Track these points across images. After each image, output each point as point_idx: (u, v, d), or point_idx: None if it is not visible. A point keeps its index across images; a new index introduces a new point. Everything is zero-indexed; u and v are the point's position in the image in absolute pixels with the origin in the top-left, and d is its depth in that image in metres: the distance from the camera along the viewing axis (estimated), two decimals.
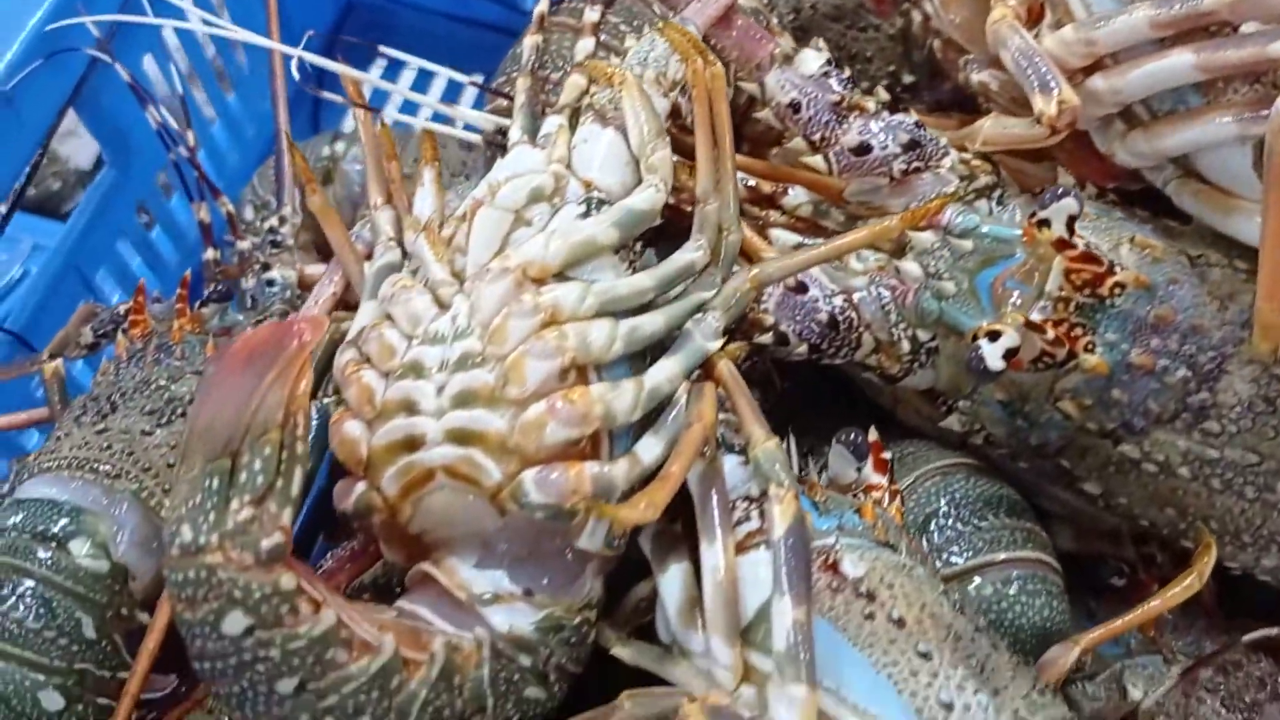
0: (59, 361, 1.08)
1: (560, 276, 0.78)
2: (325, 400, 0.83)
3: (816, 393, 1.02)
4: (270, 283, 1.09)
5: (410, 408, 0.76)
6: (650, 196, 0.82)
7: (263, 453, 0.67)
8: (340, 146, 1.40)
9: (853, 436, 0.81)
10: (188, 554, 0.67)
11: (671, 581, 0.76)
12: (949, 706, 0.64)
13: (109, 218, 1.35)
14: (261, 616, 0.67)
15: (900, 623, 0.67)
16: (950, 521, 0.85)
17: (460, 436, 0.74)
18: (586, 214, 0.82)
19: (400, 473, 0.76)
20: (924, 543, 0.85)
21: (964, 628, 0.68)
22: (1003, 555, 0.85)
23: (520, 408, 0.74)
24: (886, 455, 0.82)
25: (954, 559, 0.84)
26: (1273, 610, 0.98)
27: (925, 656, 0.66)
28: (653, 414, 0.76)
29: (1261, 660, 0.92)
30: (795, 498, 0.71)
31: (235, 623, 0.67)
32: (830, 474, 0.82)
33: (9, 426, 1.09)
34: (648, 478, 0.73)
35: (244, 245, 1.19)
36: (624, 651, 0.76)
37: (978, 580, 0.83)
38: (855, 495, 0.78)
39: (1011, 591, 0.83)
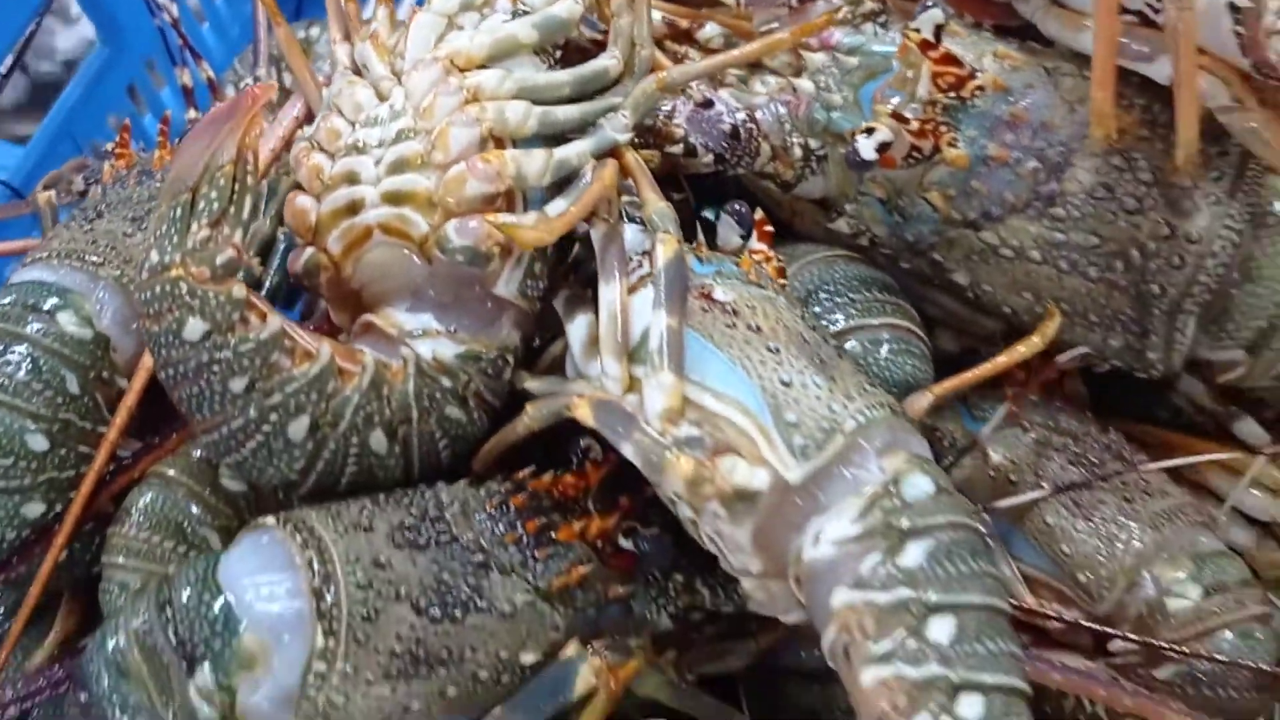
0: (51, 193, 1.20)
1: (484, 68, 0.90)
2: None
3: None
4: None
5: (352, 179, 0.88)
6: (569, 6, 0.94)
7: (218, 184, 0.79)
8: (315, 31, 1.51)
9: (739, 207, 0.92)
10: (154, 273, 0.79)
11: (577, 328, 0.88)
12: (788, 384, 0.75)
13: (101, 91, 1.47)
14: (217, 322, 0.79)
15: (756, 329, 0.79)
16: (829, 294, 0.97)
17: (394, 198, 0.86)
18: (512, 19, 0.93)
19: (343, 234, 0.88)
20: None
21: (812, 337, 0.80)
22: (875, 321, 0.96)
23: (445, 170, 0.85)
24: (769, 228, 0.93)
25: (831, 326, 0.95)
26: (1140, 409, 1.09)
27: (773, 351, 0.77)
28: (563, 185, 0.88)
29: (1110, 432, 1.03)
30: (677, 240, 0.83)
31: (194, 329, 0.79)
32: (719, 241, 0.93)
33: (6, 252, 1.21)
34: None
35: None
36: (534, 384, 0.88)
37: (851, 341, 0.95)
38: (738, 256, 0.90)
39: (882, 352, 0.95)
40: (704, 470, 0.74)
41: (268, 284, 1.03)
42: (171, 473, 0.93)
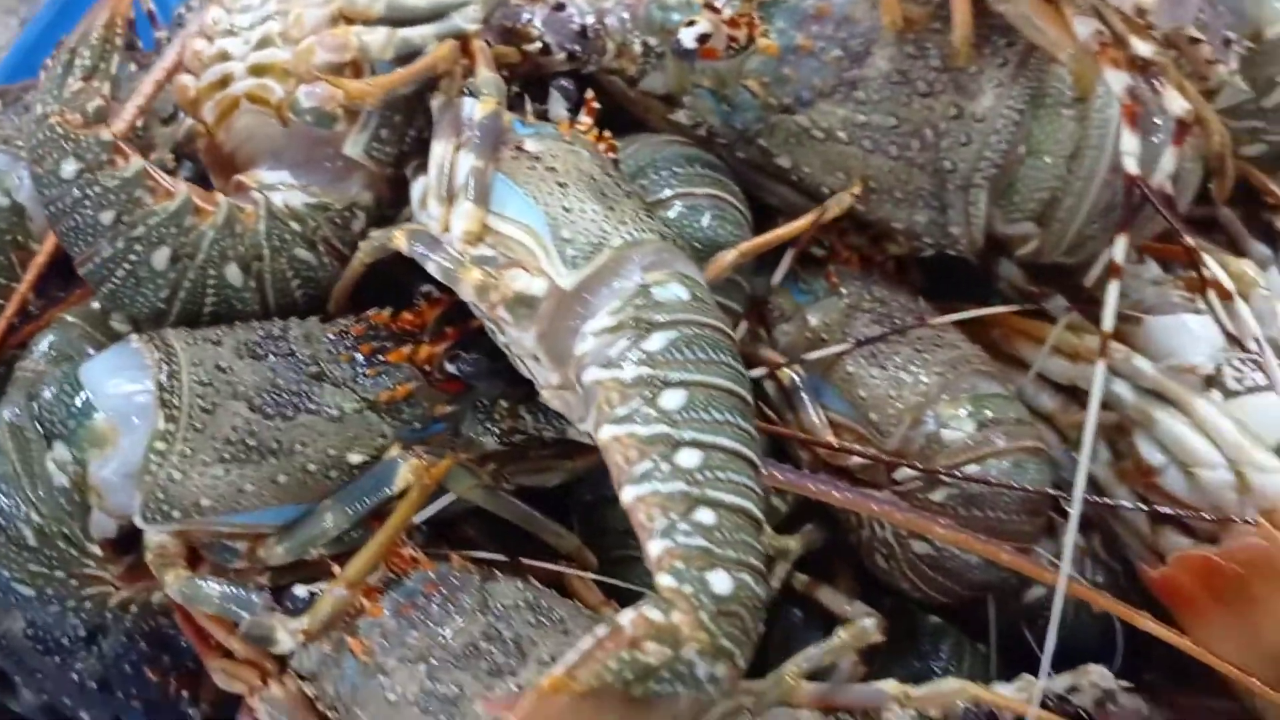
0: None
1: None
2: None
3: None
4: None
5: (225, 57, 1.01)
6: None
7: (90, 44, 0.93)
8: None
9: (565, 84, 1.04)
10: (39, 122, 0.92)
11: (417, 187, 0.99)
12: (568, 209, 0.86)
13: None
14: (88, 161, 0.92)
15: (552, 169, 0.91)
16: (657, 169, 1.07)
17: (257, 70, 0.99)
18: None
19: (216, 104, 1.01)
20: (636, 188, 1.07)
21: (603, 178, 0.91)
22: (699, 190, 1.07)
23: (299, 44, 0.98)
24: (595, 105, 1.05)
25: (658, 194, 1.06)
26: (970, 291, 1.19)
27: (561, 185, 0.89)
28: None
29: (920, 300, 1.14)
30: (496, 100, 0.95)
31: (69, 168, 0.92)
32: (550, 114, 1.05)
33: None
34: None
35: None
36: (377, 233, 1.00)
37: (676, 206, 1.05)
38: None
39: (704, 220, 1.05)
40: (490, 279, 0.85)
41: None
42: (70, 318, 1.06)
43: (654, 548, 0.74)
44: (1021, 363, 1.16)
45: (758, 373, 1.08)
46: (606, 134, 1.04)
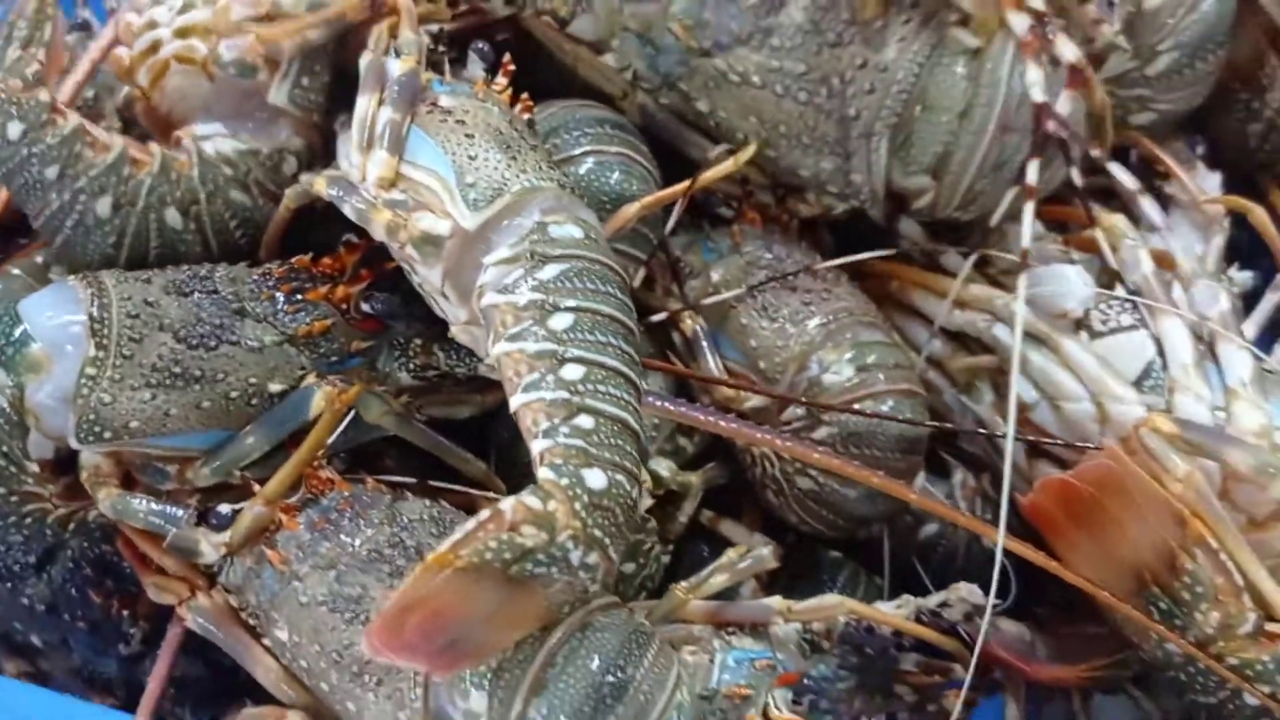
0: None
1: None
2: None
3: None
4: None
5: (153, 25, 1.08)
6: None
7: (26, 16, 1.00)
8: None
9: (482, 46, 1.12)
10: None
11: (343, 141, 1.07)
12: (473, 158, 0.93)
13: None
14: (30, 122, 0.99)
15: (461, 122, 0.98)
16: (569, 129, 1.15)
17: (182, 32, 1.06)
18: None
19: (149, 69, 1.08)
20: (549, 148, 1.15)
21: (509, 132, 0.98)
22: (609, 149, 1.14)
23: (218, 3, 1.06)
24: (511, 67, 1.12)
25: (571, 151, 1.14)
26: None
27: (469, 136, 0.96)
28: None
29: (819, 258, 1.21)
30: (415, 59, 1.03)
31: (14, 129, 1.00)
32: (466, 74, 1.13)
33: None
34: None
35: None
36: (305, 176, 1.06)
37: (588, 162, 1.13)
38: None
39: (613, 176, 1.13)
40: (399, 219, 0.93)
41: None
42: (15, 270, 1.13)
43: (536, 446, 0.82)
44: (919, 313, 1.24)
45: (659, 318, 1.16)
46: (524, 96, 1.11)
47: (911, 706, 1.10)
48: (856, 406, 1.08)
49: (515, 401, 0.84)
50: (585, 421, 0.83)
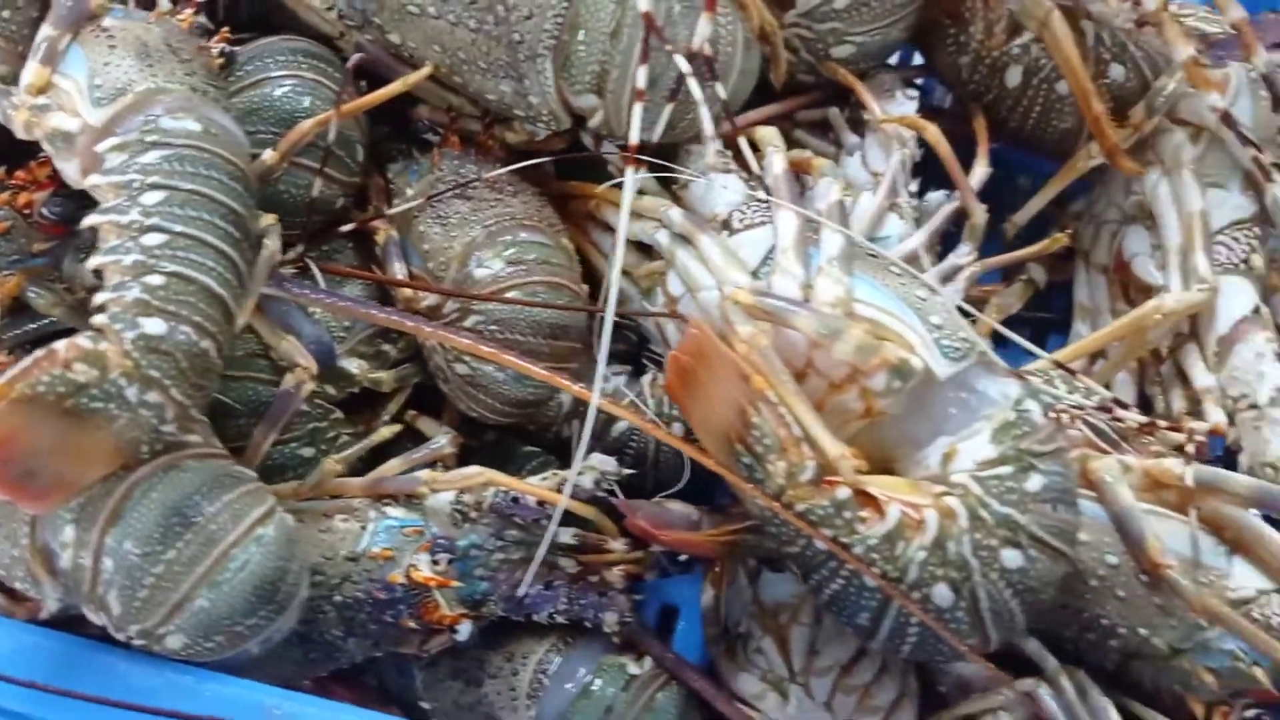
0: None
1: None
2: None
3: None
4: None
5: None
6: None
7: None
8: None
9: None
10: None
11: None
12: (107, 65, 1.05)
13: None
14: None
15: (111, 38, 1.07)
16: (267, 56, 1.24)
17: None
18: None
19: None
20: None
21: (160, 47, 1.07)
22: (306, 75, 1.25)
23: None
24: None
25: (269, 73, 1.24)
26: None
27: (111, 48, 1.05)
28: None
29: (509, 182, 1.31)
30: None
31: None
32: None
33: None
34: None
35: None
36: None
37: (285, 84, 1.23)
38: None
39: (304, 101, 1.22)
40: (35, 117, 1.04)
41: None
42: None
43: (98, 298, 0.92)
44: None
45: (348, 228, 1.28)
46: (224, 29, 1.22)
47: (573, 577, 1.19)
48: (507, 296, 1.18)
49: (96, 262, 0.95)
50: (154, 280, 0.93)
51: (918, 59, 1.62)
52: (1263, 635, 1.07)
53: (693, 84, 1.22)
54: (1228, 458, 1.32)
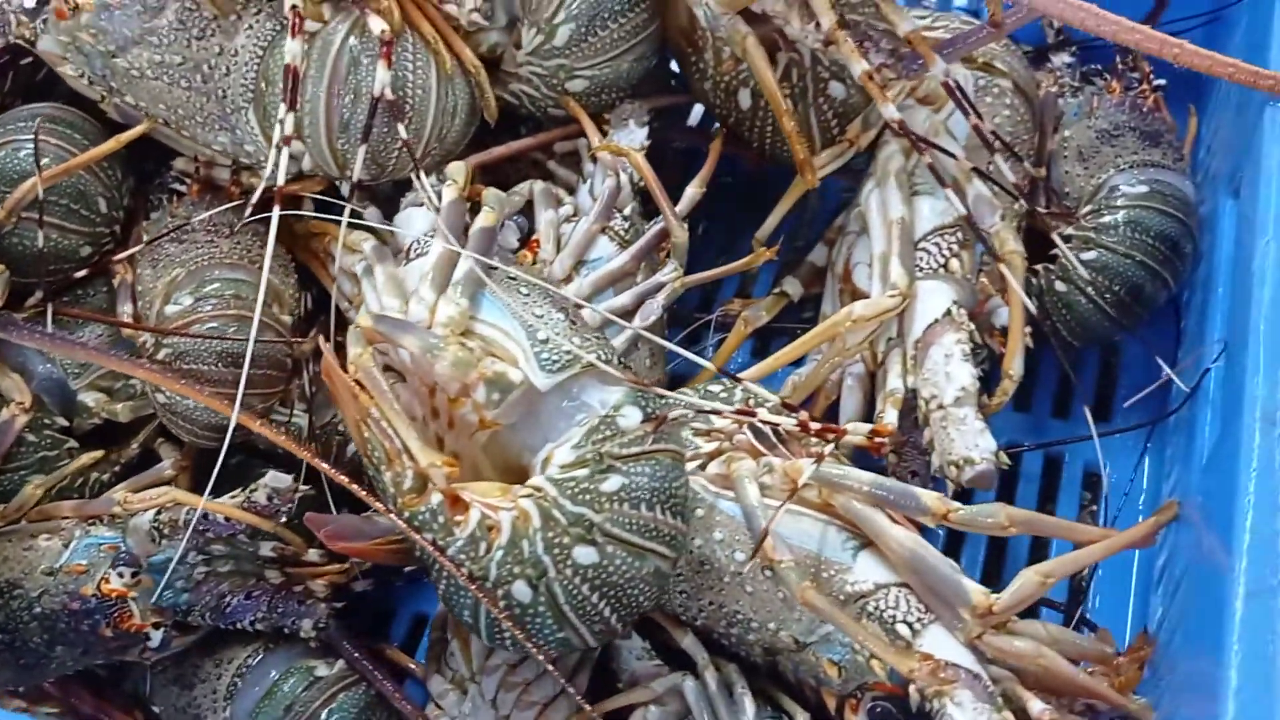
0: None
1: None
2: None
3: None
4: None
5: None
6: None
7: None
8: None
9: None
10: None
11: None
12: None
13: None
14: None
15: None
16: (8, 124, 1.41)
17: None
18: None
19: None
20: None
21: None
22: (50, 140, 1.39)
23: None
24: None
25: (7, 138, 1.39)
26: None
27: None
28: None
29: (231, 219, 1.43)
30: None
31: None
32: None
33: None
34: None
35: None
36: None
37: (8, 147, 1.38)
38: None
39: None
40: None
41: None
42: None
43: None
44: None
45: (82, 273, 1.40)
46: None
47: (277, 587, 1.30)
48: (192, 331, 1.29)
49: None
50: None
51: None
52: (855, 626, 1.11)
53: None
54: None
